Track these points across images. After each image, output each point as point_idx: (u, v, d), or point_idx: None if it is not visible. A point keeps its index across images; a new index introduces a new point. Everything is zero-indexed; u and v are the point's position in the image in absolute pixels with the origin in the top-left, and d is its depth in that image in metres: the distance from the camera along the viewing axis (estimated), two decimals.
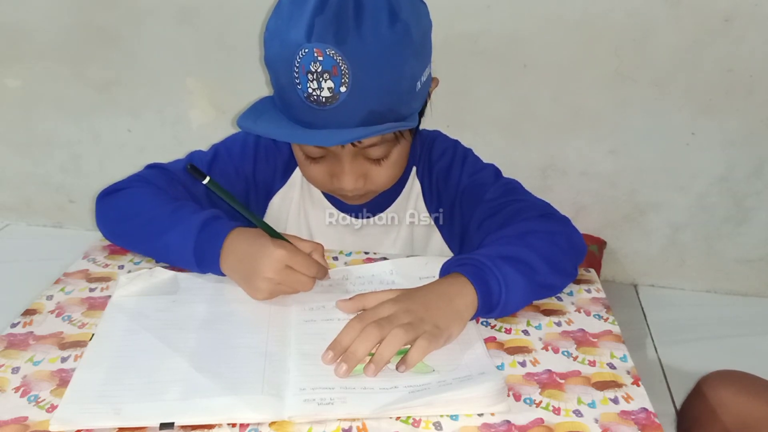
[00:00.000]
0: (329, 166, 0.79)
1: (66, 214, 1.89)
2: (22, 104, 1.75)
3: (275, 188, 0.91)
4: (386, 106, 0.72)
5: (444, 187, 0.88)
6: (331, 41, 0.67)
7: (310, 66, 0.68)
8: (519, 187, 0.87)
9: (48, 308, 0.69)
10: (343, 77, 0.68)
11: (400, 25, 0.69)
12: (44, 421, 0.54)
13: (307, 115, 0.72)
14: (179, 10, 1.58)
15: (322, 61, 0.68)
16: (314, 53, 0.68)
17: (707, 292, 1.76)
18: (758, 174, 1.61)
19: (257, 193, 0.90)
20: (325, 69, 0.68)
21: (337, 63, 0.67)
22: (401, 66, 0.71)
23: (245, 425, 0.54)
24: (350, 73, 0.68)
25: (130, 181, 0.83)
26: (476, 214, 0.84)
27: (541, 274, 0.70)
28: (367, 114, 0.71)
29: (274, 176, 0.90)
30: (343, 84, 0.68)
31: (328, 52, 0.67)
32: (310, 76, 0.69)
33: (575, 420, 0.56)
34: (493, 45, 1.53)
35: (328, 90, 0.69)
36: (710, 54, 1.48)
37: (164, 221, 0.74)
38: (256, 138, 0.89)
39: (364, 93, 0.69)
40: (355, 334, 0.61)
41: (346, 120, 0.71)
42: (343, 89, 0.69)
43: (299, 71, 0.69)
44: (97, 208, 0.82)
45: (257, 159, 0.89)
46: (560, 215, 0.81)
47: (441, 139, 0.91)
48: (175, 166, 0.87)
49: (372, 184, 0.80)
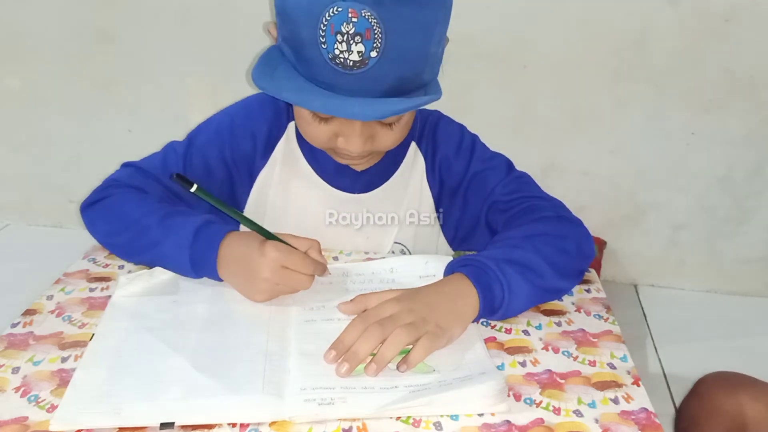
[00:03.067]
0: (338, 127, 0.75)
1: (66, 214, 1.88)
2: (22, 104, 1.75)
3: (257, 168, 0.87)
4: (414, 72, 0.69)
5: (447, 171, 0.86)
6: (369, 1, 0.63)
7: (341, 26, 0.64)
8: (531, 182, 0.85)
9: (48, 308, 0.69)
10: (375, 41, 0.64)
11: None
12: (44, 421, 0.54)
13: (327, 76, 0.68)
14: (179, 10, 1.58)
15: (356, 22, 0.63)
16: (348, 13, 0.63)
17: (707, 292, 1.76)
18: (758, 174, 1.61)
19: (240, 176, 0.87)
20: (357, 31, 0.64)
21: (371, 26, 0.63)
22: (434, 29, 0.68)
23: (245, 425, 0.54)
24: (383, 37, 0.64)
25: (108, 187, 0.80)
26: (484, 207, 0.83)
27: (547, 280, 0.70)
28: (394, 80, 0.68)
29: (254, 156, 0.86)
30: (374, 49, 0.64)
31: (363, 13, 0.63)
32: (340, 37, 0.64)
33: (575, 420, 0.56)
34: (493, 45, 1.53)
35: (358, 54, 0.65)
36: (710, 54, 1.49)
37: (155, 232, 0.72)
38: (230, 119, 0.86)
39: (395, 59, 0.66)
40: (358, 333, 0.60)
41: (372, 86, 0.67)
42: (373, 54, 0.65)
43: (326, 30, 0.64)
44: (84, 220, 0.80)
45: (234, 141, 0.85)
46: (572, 217, 0.80)
47: (446, 121, 0.89)
48: (149, 163, 0.84)
49: (378, 145, 0.77)
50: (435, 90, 0.73)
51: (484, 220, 0.85)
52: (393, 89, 0.69)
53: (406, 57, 0.67)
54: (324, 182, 0.87)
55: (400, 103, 0.68)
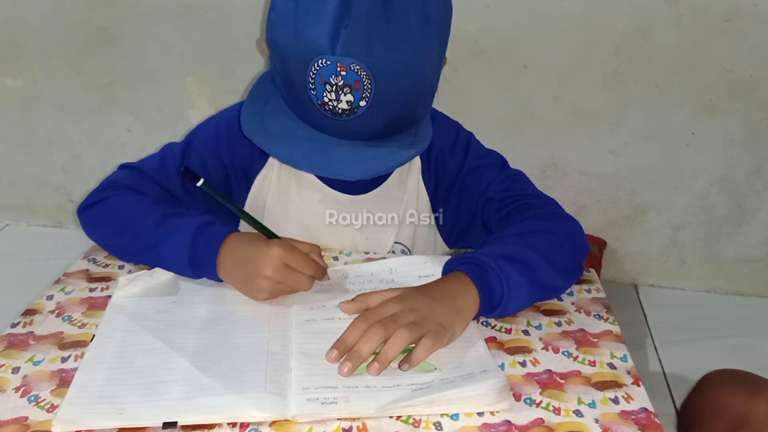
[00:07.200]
0: None
1: (66, 214, 1.88)
2: (22, 104, 1.75)
3: (254, 171, 0.87)
4: (406, 112, 0.69)
5: (443, 169, 0.87)
6: (357, 55, 0.63)
7: (330, 78, 0.64)
8: (525, 179, 0.86)
9: (48, 308, 0.69)
10: (365, 92, 0.64)
11: (431, 17, 0.65)
12: (44, 421, 0.54)
13: (318, 119, 0.68)
14: (179, 10, 1.58)
15: (344, 75, 0.63)
16: (337, 67, 0.63)
17: (707, 292, 1.76)
18: (758, 174, 1.61)
19: (237, 179, 0.87)
20: (346, 83, 0.64)
21: (360, 78, 0.63)
22: (427, 68, 0.68)
23: (245, 425, 0.54)
24: (373, 87, 0.64)
25: (106, 189, 0.80)
26: (479, 204, 0.84)
27: (544, 275, 0.70)
28: (386, 122, 0.68)
29: (251, 159, 0.86)
30: (363, 98, 0.65)
31: (352, 67, 0.63)
32: (329, 87, 0.64)
33: (575, 420, 0.56)
34: (493, 45, 1.53)
35: (347, 103, 0.65)
36: (710, 54, 1.48)
37: (154, 233, 0.72)
38: (228, 122, 0.86)
39: (386, 104, 0.66)
40: (360, 333, 0.61)
41: (363, 130, 0.68)
42: (362, 103, 0.65)
43: (315, 79, 0.64)
44: (81, 223, 0.80)
45: (231, 143, 0.85)
46: (565, 213, 0.80)
47: (441, 117, 0.89)
48: (146, 164, 0.85)
49: None
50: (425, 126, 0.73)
51: (479, 217, 0.85)
52: (385, 129, 0.69)
53: (398, 101, 0.67)
54: (323, 184, 0.87)
55: (386, 159, 0.68)
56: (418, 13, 0.65)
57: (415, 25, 0.65)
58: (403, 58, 0.65)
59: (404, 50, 0.64)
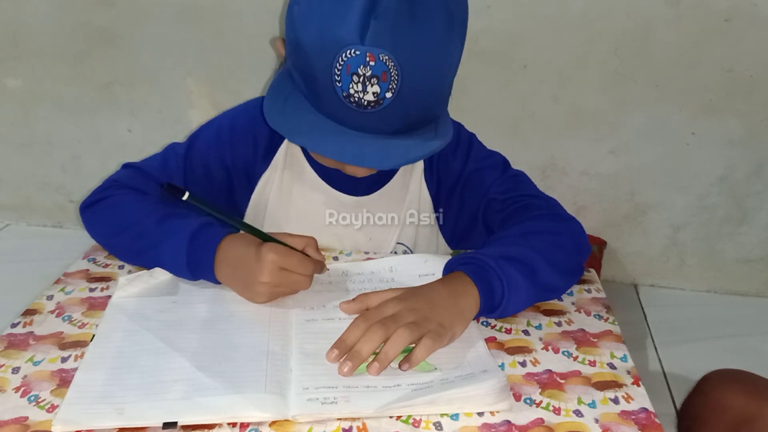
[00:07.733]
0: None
1: (66, 214, 1.88)
2: (22, 104, 1.75)
3: (258, 173, 0.87)
4: (428, 108, 0.70)
5: (445, 170, 0.87)
6: (387, 46, 0.63)
7: (358, 68, 0.64)
8: (527, 180, 0.86)
9: (48, 308, 0.69)
10: (391, 83, 0.64)
11: (455, 19, 0.66)
12: (45, 421, 0.54)
13: (339, 112, 0.68)
14: (179, 10, 1.58)
15: (373, 66, 0.63)
16: (366, 57, 0.63)
17: (707, 292, 1.76)
18: (758, 174, 1.61)
19: (240, 180, 0.87)
20: (374, 74, 0.64)
21: (388, 69, 0.63)
22: (449, 65, 0.69)
23: (245, 425, 0.54)
24: (400, 79, 0.64)
25: (108, 188, 0.81)
26: (481, 205, 0.83)
27: (544, 276, 0.70)
28: (407, 119, 0.68)
29: (255, 160, 0.86)
30: (390, 90, 0.65)
31: (381, 57, 0.63)
32: (356, 77, 0.64)
33: (575, 420, 0.56)
34: (493, 45, 1.53)
35: (373, 94, 0.65)
36: (710, 54, 1.48)
37: (154, 233, 0.73)
38: (231, 123, 0.86)
39: (410, 99, 0.66)
40: (360, 332, 0.61)
41: (385, 124, 0.68)
42: (388, 95, 0.65)
43: (342, 70, 0.64)
44: (83, 221, 0.80)
45: (234, 144, 0.85)
46: (567, 214, 0.80)
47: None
48: (149, 164, 0.85)
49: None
50: (445, 123, 0.74)
51: (481, 218, 0.85)
52: (405, 126, 0.69)
53: (421, 97, 0.68)
54: (327, 186, 0.87)
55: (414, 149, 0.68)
56: (443, 13, 0.66)
57: (441, 25, 0.66)
58: (429, 56, 0.66)
59: (431, 49, 0.65)
